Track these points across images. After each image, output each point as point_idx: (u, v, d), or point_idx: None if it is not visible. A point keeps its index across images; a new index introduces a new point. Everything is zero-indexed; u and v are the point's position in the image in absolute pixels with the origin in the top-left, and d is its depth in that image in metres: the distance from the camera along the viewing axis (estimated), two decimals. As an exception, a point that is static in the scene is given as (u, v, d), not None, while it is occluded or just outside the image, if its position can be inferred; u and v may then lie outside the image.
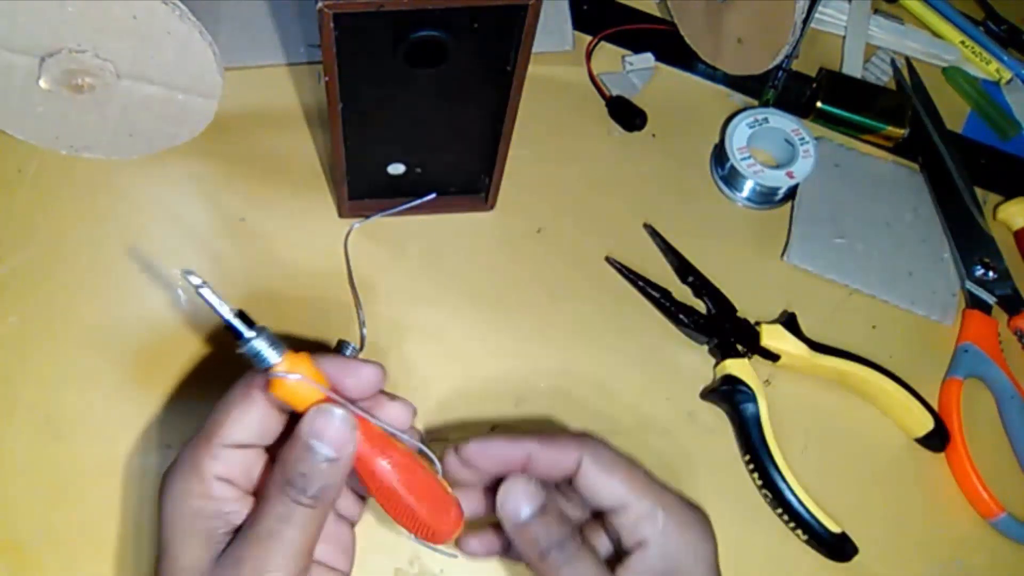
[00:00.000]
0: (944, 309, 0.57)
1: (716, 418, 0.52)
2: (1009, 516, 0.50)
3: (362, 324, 0.51)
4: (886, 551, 0.50)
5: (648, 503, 0.37)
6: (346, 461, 0.34)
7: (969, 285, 0.57)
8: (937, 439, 0.52)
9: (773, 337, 0.52)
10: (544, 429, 0.50)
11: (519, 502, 0.36)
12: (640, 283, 0.54)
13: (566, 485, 0.39)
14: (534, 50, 0.43)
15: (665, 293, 0.53)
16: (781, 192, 0.59)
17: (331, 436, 0.34)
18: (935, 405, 0.53)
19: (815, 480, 0.50)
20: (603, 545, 0.39)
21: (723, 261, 0.57)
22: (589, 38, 0.63)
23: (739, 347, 0.52)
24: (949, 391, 0.53)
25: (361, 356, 0.50)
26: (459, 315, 0.53)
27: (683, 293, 0.55)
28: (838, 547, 0.48)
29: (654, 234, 0.56)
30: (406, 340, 0.51)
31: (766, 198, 0.59)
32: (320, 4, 0.38)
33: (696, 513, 0.38)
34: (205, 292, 0.33)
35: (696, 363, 0.53)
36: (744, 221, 0.59)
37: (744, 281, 0.56)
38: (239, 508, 0.35)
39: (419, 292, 0.53)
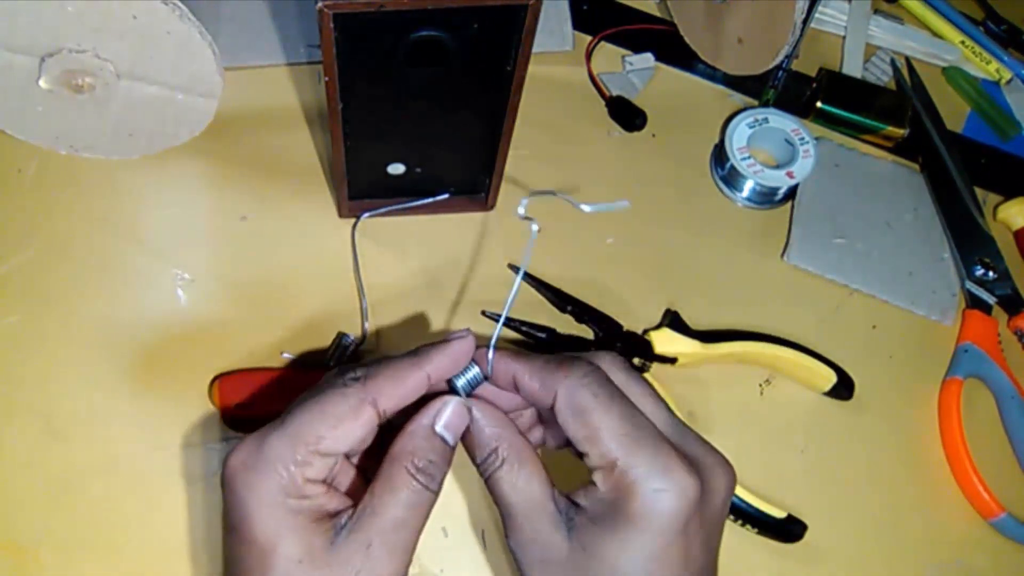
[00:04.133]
0: (944, 309, 0.57)
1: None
2: (1009, 516, 0.50)
3: (364, 315, 0.51)
4: (886, 551, 0.50)
5: (609, 458, 0.34)
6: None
7: (969, 285, 0.57)
8: (844, 389, 0.52)
9: (664, 342, 0.51)
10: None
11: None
12: (523, 329, 0.51)
13: None
14: (534, 50, 0.43)
15: (549, 331, 0.51)
16: (781, 192, 0.59)
17: (455, 425, 0.36)
18: (935, 405, 0.54)
19: (804, 480, 0.50)
20: None
21: (723, 261, 0.57)
22: (589, 38, 0.63)
23: (636, 360, 0.51)
24: (949, 391, 0.53)
25: (363, 349, 0.50)
26: (459, 315, 0.53)
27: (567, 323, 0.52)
28: (785, 530, 0.48)
29: (524, 275, 0.50)
30: (406, 340, 0.51)
31: (766, 198, 0.59)
32: (320, 4, 0.38)
33: (680, 479, 0.33)
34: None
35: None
36: (744, 221, 0.59)
37: (744, 281, 0.56)
38: (329, 498, 0.35)
39: (418, 292, 0.53)
